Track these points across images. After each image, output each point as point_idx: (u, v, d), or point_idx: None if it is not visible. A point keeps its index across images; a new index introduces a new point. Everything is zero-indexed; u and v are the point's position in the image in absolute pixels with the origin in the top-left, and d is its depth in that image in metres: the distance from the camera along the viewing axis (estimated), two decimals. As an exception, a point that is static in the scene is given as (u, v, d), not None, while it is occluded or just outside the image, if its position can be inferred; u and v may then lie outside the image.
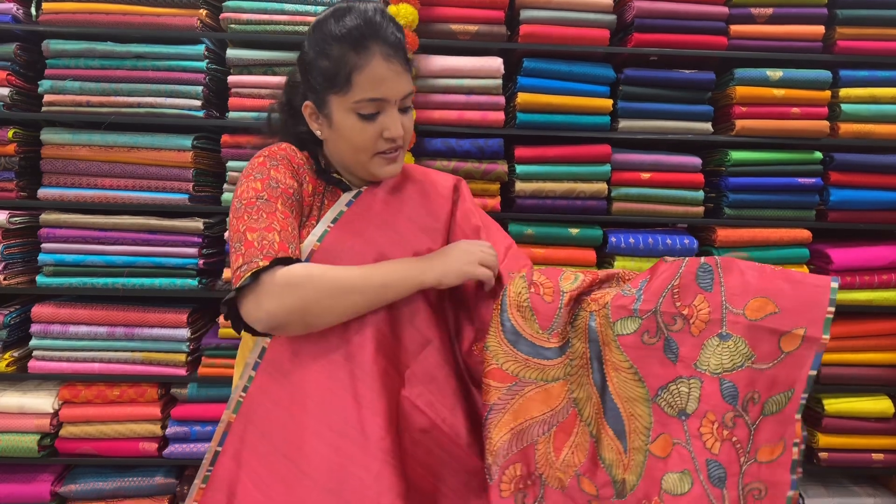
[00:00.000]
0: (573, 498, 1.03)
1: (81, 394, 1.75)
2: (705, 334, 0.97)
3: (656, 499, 0.97)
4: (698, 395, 0.96)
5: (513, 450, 1.04)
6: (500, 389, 1.07)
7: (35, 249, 1.77)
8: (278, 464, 1.14)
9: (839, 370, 1.83)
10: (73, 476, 1.77)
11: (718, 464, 0.95)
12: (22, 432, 1.72)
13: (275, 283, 1.07)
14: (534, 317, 1.08)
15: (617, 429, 1.02)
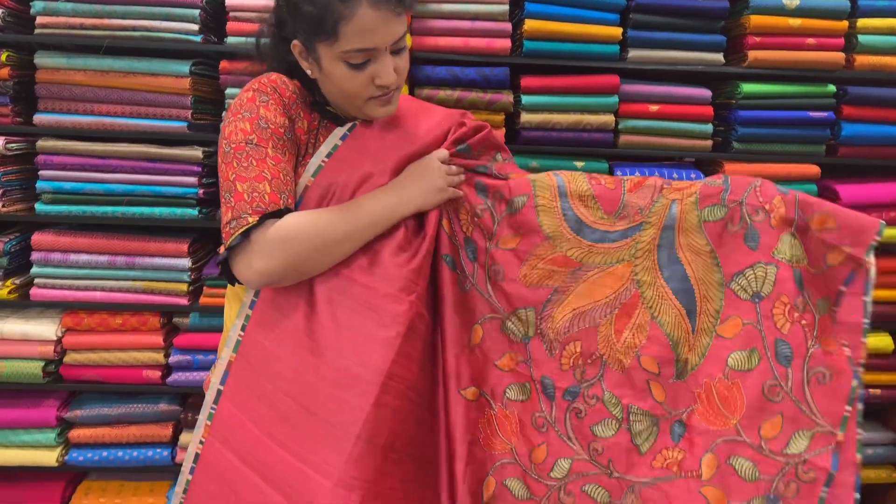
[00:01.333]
0: (631, 378, 1.12)
1: (84, 322, 1.77)
2: (781, 229, 1.07)
3: (720, 375, 1.06)
4: (774, 280, 1.06)
5: (573, 329, 1.14)
6: (563, 273, 1.15)
7: (33, 177, 1.76)
8: (281, 403, 1.16)
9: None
10: (79, 402, 1.80)
11: (787, 343, 1.04)
12: (26, 359, 1.74)
13: (265, 242, 1.06)
14: (597, 204, 1.15)
15: (689, 308, 1.11)
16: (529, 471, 1.18)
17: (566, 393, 1.17)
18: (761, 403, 1.04)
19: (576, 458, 1.16)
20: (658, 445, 1.12)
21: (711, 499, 1.06)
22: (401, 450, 1.15)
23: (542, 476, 1.16)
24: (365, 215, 1.12)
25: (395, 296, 1.13)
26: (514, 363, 1.20)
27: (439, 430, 1.21)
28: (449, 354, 1.21)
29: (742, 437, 1.05)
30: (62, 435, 1.79)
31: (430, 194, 1.16)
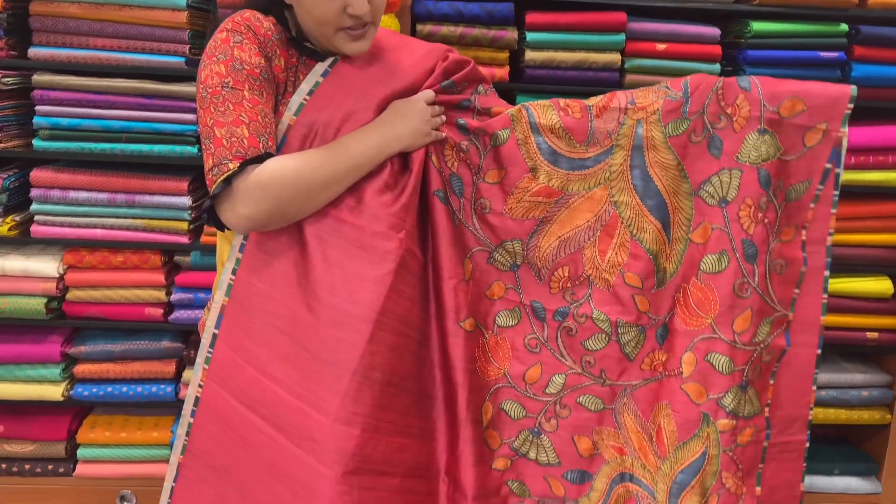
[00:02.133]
0: (617, 295, 1.19)
1: (85, 259, 1.77)
2: (746, 130, 1.12)
3: (694, 279, 1.15)
4: (738, 184, 1.12)
5: (560, 255, 1.20)
6: (548, 204, 1.20)
7: (29, 112, 1.75)
8: (276, 343, 1.17)
9: (844, 251, 1.84)
10: (82, 338, 1.82)
11: (752, 242, 1.12)
12: (28, 295, 1.76)
13: (248, 188, 1.06)
14: (569, 135, 1.19)
15: (664, 221, 1.17)
16: (524, 391, 1.23)
17: (556, 314, 1.22)
18: (732, 301, 1.12)
19: (569, 373, 1.22)
20: (646, 349, 1.20)
21: (692, 394, 1.15)
22: (398, 384, 1.18)
23: (538, 394, 1.23)
24: (349, 158, 1.11)
25: (384, 234, 1.14)
26: (503, 291, 1.25)
27: (434, 364, 1.24)
28: (446, 288, 1.23)
29: (717, 335, 1.13)
30: (67, 370, 1.82)
31: (415, 137, 1.16)
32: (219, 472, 1.26)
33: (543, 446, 1.25)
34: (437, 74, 1.24)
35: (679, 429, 1.16)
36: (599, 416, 1.24)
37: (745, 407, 1.15)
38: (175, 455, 1.30)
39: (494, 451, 1.25)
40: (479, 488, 1.23)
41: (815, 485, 1.89)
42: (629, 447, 1.22)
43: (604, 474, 1.24)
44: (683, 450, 1.16)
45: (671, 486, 1.18)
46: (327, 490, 1.12)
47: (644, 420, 1.21)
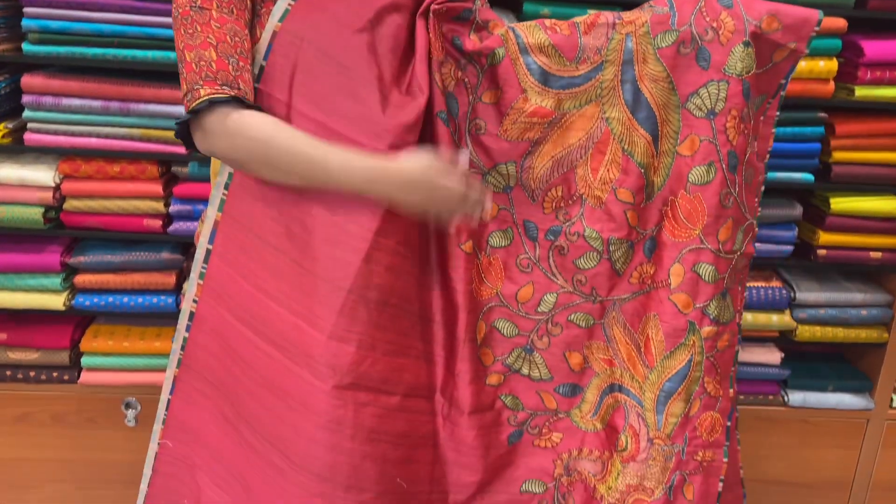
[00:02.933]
0: (610, 212, 1.21)
1: (81, 169, 1.76)
2: (732, 42, 1.15)
3: (682, 191, 1.18)
4: (725, 96, 1.16)
5: (554, 176, 1.21)
6: (542, 125, 1.20)
7: (18, 14, 1.70)
8: (271, 258, 1.17)
9: (852, 169, 1.83)
10: (82, 248, 1.83)
11: (735, 153, 1.16)
12: (25, 204, 1.76)
13: (215, 129, 1.05)
14: (558, 52, 1.19)
15: (654, 134, 1.19)
16: (516, 310, 1.26)
17: (548, 233, 1.24)
18: (718, 211, 1.16)
19: (561, 292, 1.25)
20: (634, 263, 1.23)
21: (680, 304, 1.21)
22: (399, 305, 1.18)
23: (530, 313, 1.26)
24: (322, 176, 1.07)
25: (383, 153, 1.12)
26: (496, 211, 1.26)
27: (433, 287, 1.24)
28: None
29: (705, 245, 1.17)
30: (67, 280, 1.83)
31: (425, 213, 1.13)
32: (214, 385, 1.29)
33: (536, 362, 1.28)
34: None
35: (667, 338, 1.21)
36: (590, 332, 1.27)
37: (724, 313, 1.21)
38: (171, 369, 1.32)
39: (488, 368, 1.28)
40: (475, 404, 1.27)
41: (808, 401, 1.93)
42: (618, 359, 1.27)
43: (594, 386, 1.29)
44: (671, 358, 1.22)
45: (658, 394, 1.23)
46: (321, 403, 1.15)
47: (633, 332, 1.25)
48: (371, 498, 1.17)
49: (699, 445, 1.23)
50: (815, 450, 1.96)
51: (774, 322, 1.89)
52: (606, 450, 1.28)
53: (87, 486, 1.91)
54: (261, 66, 1.13)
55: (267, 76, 1.13)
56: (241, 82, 1.06)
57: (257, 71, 1.13)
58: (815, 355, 2.05)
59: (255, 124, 1.05)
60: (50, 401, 1.85)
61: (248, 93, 1.08)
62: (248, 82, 1.08)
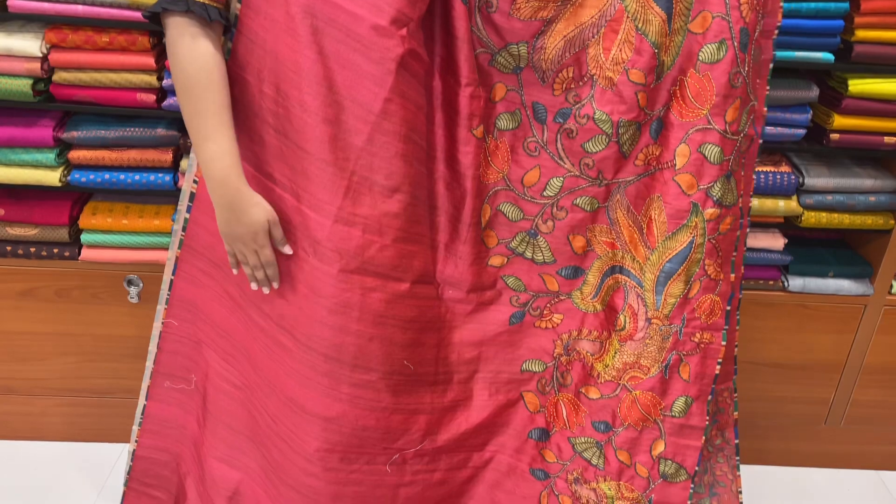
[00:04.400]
0: (621, 93, 1.20)
1: (69, 38, 1.70)
2: None
3: (692, 70, 1.18)
4: None
5: (565, 56, 1.19)
6: (555, 2, 1.16)
7: None
8: (271, 140, 1.16)
9: (875, 48, 1.77)
10: (75, 123, 1.80)
11: (746, 31, 1.16)
12: (13, 76, 1.72)
13: (168, 35, 1.09)
14: None
15: (668, 12, 1.17)
16: (522, 194, 1.26)
17: (557, 115, 1.24)
18: (727, 91, 1.17)
19: (567, 176, 1.26)
20: (640, 144, 1.23)
21: (684, 185, 1.22)
22: (409, 192, 1.18)
23: (536, 196, 1.28)
24: (195, 152, 1.13)
25: (385, 29, 1.08)
26: (504, 92, 1.24)
27: (440, 176, 1.23)
28: (462, 95, 1.21)
29: (712, 125, 1.18)
30: (62, 156, 1.81)
31: (228, 228, 1.16)
32: (217, 265, 1.30)
33: (539, 246, 1.29)
34: None
35: (669, 219, 1.24)
36: (594, 215, 1.28)
37: (727, 196, 1.23)
38: (173, 249, 1.33)
39: (491, 249, 1.30)
40: (475, 282, 1.29)
41: (807, 286, 1.96)
42: (620, 241, 1.29)
43: (596, 269, 1.31)
44: (672, 240, 1.24)
45: (658, 275, 1.26)
46: (328, 287, 1.16)
47: (636, 214, 1.27)
48: (377, 378, 1.21)
49: (697, 327, 1.27)
50: (810, 334, 2.01)
51: (781, 208, 1.89)
52: (605, 329, 1.31)
53: (93, 359, 1.98)
54: None
55: None
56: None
57: None
58: (819, 241, 2.07)
59: (189, 60, 1.07)
60: (53, 276, 1.88)
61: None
62: None
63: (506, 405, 1.35)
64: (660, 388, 1.28)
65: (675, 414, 1.28)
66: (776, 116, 1.82)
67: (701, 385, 1.28)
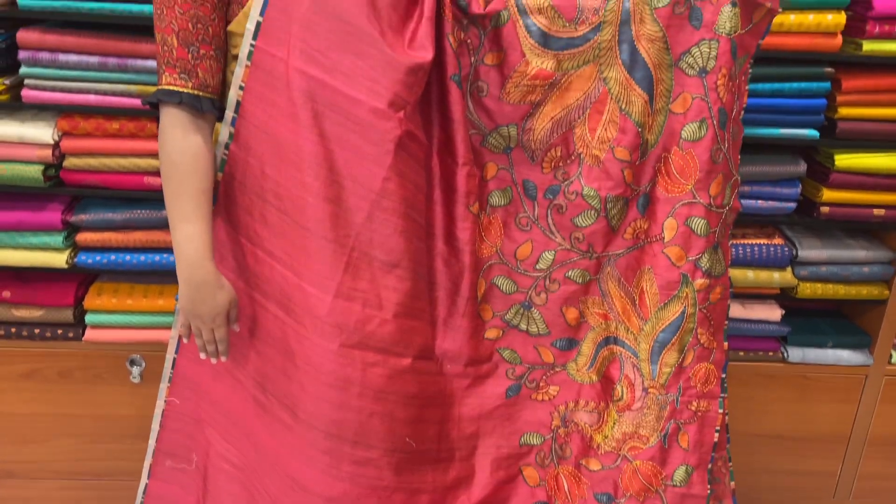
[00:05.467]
0: (607, 170, 1.26)
1: (80, 125, 1.77)
2: (721, 2, 1.22)
3: (675, 147, 1.24)
4: (716, 54, 1.23)
5: (553, 136, 1.26)
6: (542, 87, 1.24)
7: (12, -32, 1.68)
8: (273, 218, 1.18)
9: (858, 125, 1.84)
10: (83, 206, 1.85)
11: (724, 110, 1.24)
12: (25, 162, 1.78)
13: (161, 122, 1.17)
14: (557, 13, 1.23)
15: (650, 93, 1.24)
16: (515, 267, 1.30)
17: (547, 191, 1.29)
18: (710, 167, 1.23)
19: (559, 249, 1.31)
20: (628, 219, 1.29)
21: (673, 257, 1.27)
22: (409, 267, 1.20)
23: (529, 270, 1.32)
24: (171, 233, 1.19)
25: (383, 111, 1.13)
26: (496, 171, 1.30)
27: (438, 253, 1.26)
28: (460, 174, 1.26)
29: (697, 199, 1.24)
30: (69, 238, 1.86)
31: (190, 307, 1.22)
32: None
33: (534, 318, 1.32)
34: None
35: (661, 290, 1.28)
36: (586, 287, 1.31)
37: (716, 266, 1.28)
38: (175, 329, 1.35)
39: (486, 323, 1.32)
40: (472, 356, 1.30)
41: (807, 357, 1.98)
42: (613, 312, 1.33)
43: (590, 340, 1.34)
44: (664, 310, 1.28)
45: (653, 345, 1.30)
46: (328, 362, 1.18)
47: (627, 285, 1.31)
48: (379, 455, 1.21)
49: (693, 395, 1.29)
50: (813, 405, 2.01)
51: (776, 279, 1.92)
52: (602, 401, 1.33)
53: (95, 440, 1.98)
54: (257, 22, 1.14)
55: (264, 32, 1.15)
56: (201, 70, 1.15)
57: (253, 27, 1.14)
58: (815, 312, 2.09)
59: (176, 150, 1.16)
60: (56, 357, 1.90)
61: (209, 80, 1.17)
62: (210, 69, 1.17)
63: (506, 481, 1.34)
64: (660, 457, 1.28)
65: (677, 483, 1.29)
66: (767, 191, 1.87)
67: (700, 453, 1.29)
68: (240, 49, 1.17)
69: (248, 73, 1.17)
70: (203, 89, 1.17)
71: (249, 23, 1.15)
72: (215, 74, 1.18)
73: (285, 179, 1.18)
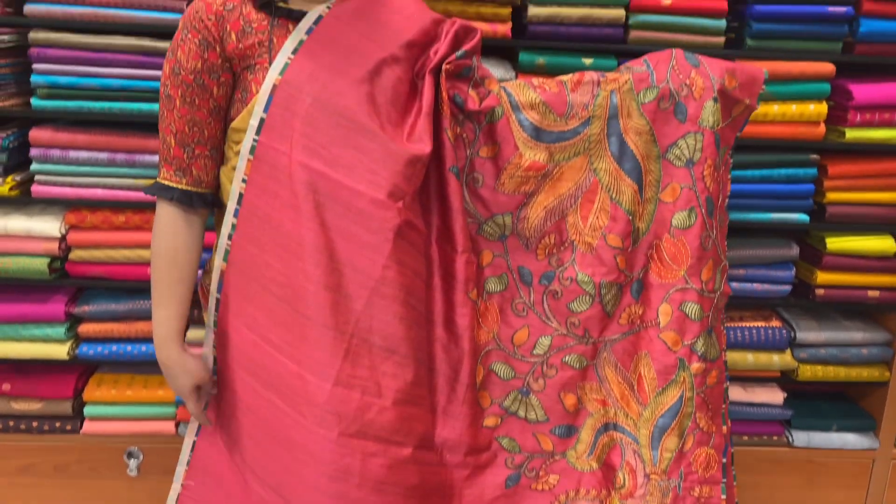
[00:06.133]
0: (600, 257, 1.30)
1: (87, 219, 1.81)
2: (704, 98, 1.29)
3: (666, 235, 1.29)
4: (701, 146, 1.29)
5: (547, 224, 1.30)
6: (536, 178, 1.29)
7: (27, 70, 1.78)
8: (274, 307, 1.20)
9: (846, 209, 1.89)
10: (86, 298, 1.87)
11: (711, 199, 1.29)
12: (32, 255, 1.81)
13: (156, 212, 1.27)
14: (548, 108, 1.29)
15: (639, 183, 1.30)
16: (512, 353, 1.31)
17: (542, 278, 1.32)
18: (700, 253, 1.27)
19: (555, 335, 1.31)
20: (623, 305, 1.31)
21: (669, 342, 1.29)
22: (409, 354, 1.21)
23: (526, 355, 1.33)
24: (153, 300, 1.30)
25: (382, 202, 1.16)
26: (491, 258, 1.33)
27: (437, 339, 1.27)
28: (459, 261, 1.29)
29: (689, 285, 1.27)
30: (71, 329, 1.87)
31: (167, 380, 1.33)
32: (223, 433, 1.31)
33: (532, 405, 1.32)
34: (449, 41, 1.27)
35: (658, 375, 1.29)
36: (583, 373, 1.32)
37: (710, 351, 1.29)
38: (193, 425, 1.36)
39: (485, 410, 1.32)
40: (472, 445, 1.29)
41: (812, 441, 1.96)
42: (611, 398, 1.33)
43: (588, 426, 1.34)
44: (663, 395, 1.29)
45: (653, 430, 1.30)
46: (327, 452, 1.17)
47: (625, 371, 1.33)
48: None
49: (695, 481, 1.28)
50: (821, 491, 1.98)
51: (776, 362, 1.92)
52: (604, 488, 1.31)
53: (89, 536, 1.93)
54: (261, 118, 1.19)
55: (268, 127, 1.19)
56: (195, 168, 1.25)
57: (257, 123, 1.19)
58: (818, 394, 2.09)
59: (162, 241, 1.27)
60: (52, 451, 1.89)
61: (203, 177, 1.26)
62: (204, 167, 1.26)
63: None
64: None
65: None
66: (762, 274, 1.90)
67: None
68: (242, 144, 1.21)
69: (250, 167, 1.21)
70: (197, 185, 1.25)
71: (253, 119, 1.20)
72: (209, 172, 1.27)
73: (287, 268, 1.20)
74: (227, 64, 1.22)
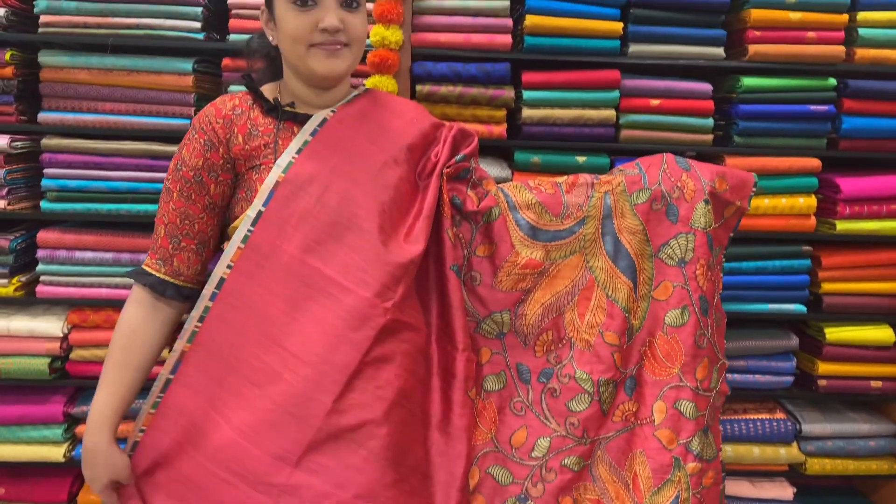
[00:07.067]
0: (598, 354, 1.30)
1: (90, 318, 1.82)
2: (695, 200, 1.33)
3: (659, 332, 1.30)
4: (693, 246, 1.32)
5: (544, 321, 1.32)
6: (533, 275, 1.32)
7: (38, 174, 1.83)
8: (244, 390, 1.18)
9: (843, 299, 1.90)
10: (85, 398, 1.87)
11: (705, 298, 1.32)
12: (33, 355, 1.82)
13: (128, 299, 1.30)
14: (544, 209, 1.34)
15: (633, 280, 1.32)
16: (510, 455, 1.28)
17: (541, 375, 1.31)
18: (694, 351, 1.27)
19: (554, 436, 1.29)
20: (616, 402, 1.30)
21: (664, 440, 1.27)
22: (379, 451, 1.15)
23: (524, 458, 1.29)
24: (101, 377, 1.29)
25: (369, 300, 1.17)
26: (489, 355, 1.33)
27: (433, 444, 1.23)
28: (460, 360, 1.28)
29: (684, 383, 1.27)
30: (69, 430, 1.85)
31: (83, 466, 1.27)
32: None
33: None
34: (448, 145, 1.31)
35: (654, 474, 1.27)
36: (580, 474, 1.27)
37: (706, 450, 1.28)
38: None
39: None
40: None
41: (825, 538, 1.89)
42: (606, 497, 1.30)
43: None
44: (658, 495, 1.27)
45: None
46: None
47: (619, 469, 1.30)
48: None
49: None
50: (838, 591, 1.90)
51: (783, 455, 1.89)
52: None
53: None
54: (259, 210, 1.21)
55: (265, 220, 1.21)
56: (177, 260, 1.28)
57: (254, 215, 1.21)
58: (828, 489, 2.04)
59: (123, 322, 1.30)
60: (44, 558, 1.82)
61: (183, 269, 1.29)
62: (186, 260, 1.29)
63: None
64: None
65: None
66: (763, 365, 1.90)
67: None
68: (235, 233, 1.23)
69: (239, 255, 1.22)
70: (174, 276, 1.28)
71: (251, 211, 1.22)
72: (191, 266, 1.29)
73: (265, 353, 1.18)
74: (228, 165, 1.26)
